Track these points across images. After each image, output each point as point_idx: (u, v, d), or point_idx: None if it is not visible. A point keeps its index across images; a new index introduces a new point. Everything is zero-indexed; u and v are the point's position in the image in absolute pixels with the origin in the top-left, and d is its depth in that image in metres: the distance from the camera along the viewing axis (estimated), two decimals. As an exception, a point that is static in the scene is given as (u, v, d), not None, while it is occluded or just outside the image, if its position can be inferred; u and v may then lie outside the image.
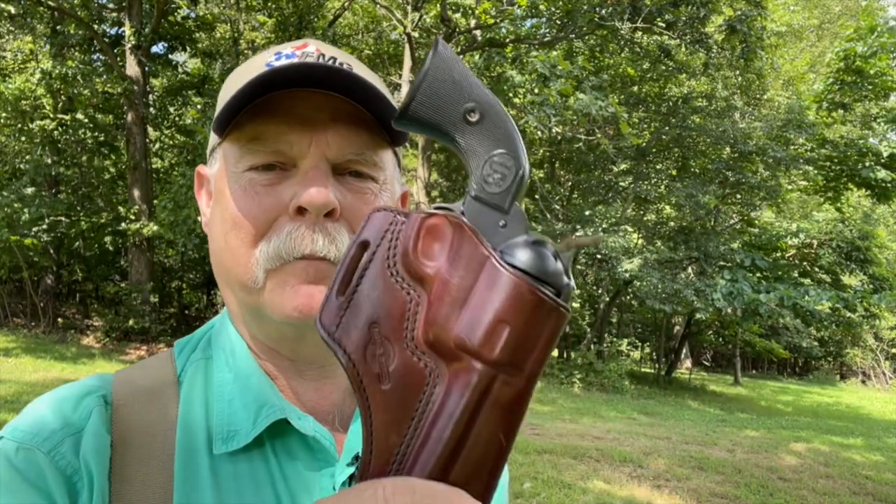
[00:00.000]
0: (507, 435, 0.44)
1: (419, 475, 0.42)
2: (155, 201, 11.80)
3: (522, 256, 0.44)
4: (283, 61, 0.70)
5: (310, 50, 0.72)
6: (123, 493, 0.62)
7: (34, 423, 0.64)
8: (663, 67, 15.54)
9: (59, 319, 14.25)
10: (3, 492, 0.59)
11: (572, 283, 0.47)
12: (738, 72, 16.17)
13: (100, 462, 0.63)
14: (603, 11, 12.95)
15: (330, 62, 0.70)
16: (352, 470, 0.69)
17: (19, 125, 13.83)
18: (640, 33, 13.96)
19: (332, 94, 0.67)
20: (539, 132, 13.89)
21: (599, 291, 19.00)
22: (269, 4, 14.56)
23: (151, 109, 14.60)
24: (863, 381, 28.39)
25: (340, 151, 0.68)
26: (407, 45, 13.96)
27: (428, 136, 0.50)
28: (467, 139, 0.47)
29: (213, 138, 0.74)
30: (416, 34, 13.90)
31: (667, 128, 15.98)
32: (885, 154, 13.67)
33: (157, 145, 16.69)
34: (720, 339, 24.92)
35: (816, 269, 16.89)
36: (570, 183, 19.08)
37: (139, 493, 0.62)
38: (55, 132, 13.94)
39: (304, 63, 0.65)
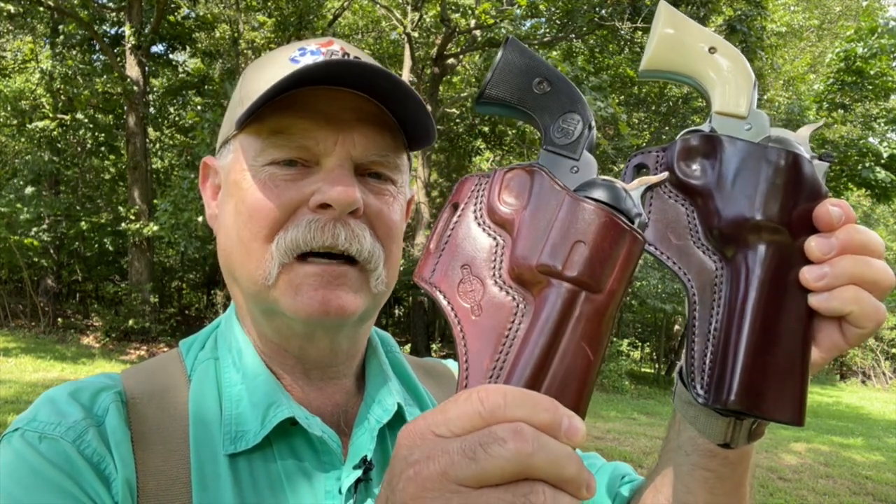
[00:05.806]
0: (594, 348, 0.48)
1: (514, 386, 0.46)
2: (155, 201, 11.78)
3: (594, 191, 0.51)
4: (309, 58, 0.70)
5: (335, 48, 0.72)
6: (150, 486, 0.62)
7: (52, 414, 0.64)
8: (663, 67, 15.53)
9: (59, 319, 14.24)
10: (35, 478, 0.59)
11: (644, 214, 0.53)
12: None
13: (123, 454, 0.63)
14: (603, 11, 12.94)
15: (355, 61, 0.69)
16: (359, 473, 0.68)
17: (17, 122, 13.81)
18: (640, 33, 13.95)
19: (355, 93, 0.66)
20: (538, 133, 13.89)
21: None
22: (269, 4, 14.53)
23: (151, 109, 14.58)
24: (863, 381, 28.36)
25: (365, 152, 0.67)
26: (407, 45, 13.95)
27: (505, 114, 0.57)
28: (539, 107, 0.55)
29: (226, 129, 0.72)
30: (415, 34, 13.89)
31: (667, 128, 15.97)
32: (885, 154, 13.65)
33: (157, 145, 16.68)
34: (720, 340, 24.76)
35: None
36: (570, 183, 19.07)
37: (165, 488, 0.62)
38: (55, 132, 13.92)
39: (338, 61, 0.64)
